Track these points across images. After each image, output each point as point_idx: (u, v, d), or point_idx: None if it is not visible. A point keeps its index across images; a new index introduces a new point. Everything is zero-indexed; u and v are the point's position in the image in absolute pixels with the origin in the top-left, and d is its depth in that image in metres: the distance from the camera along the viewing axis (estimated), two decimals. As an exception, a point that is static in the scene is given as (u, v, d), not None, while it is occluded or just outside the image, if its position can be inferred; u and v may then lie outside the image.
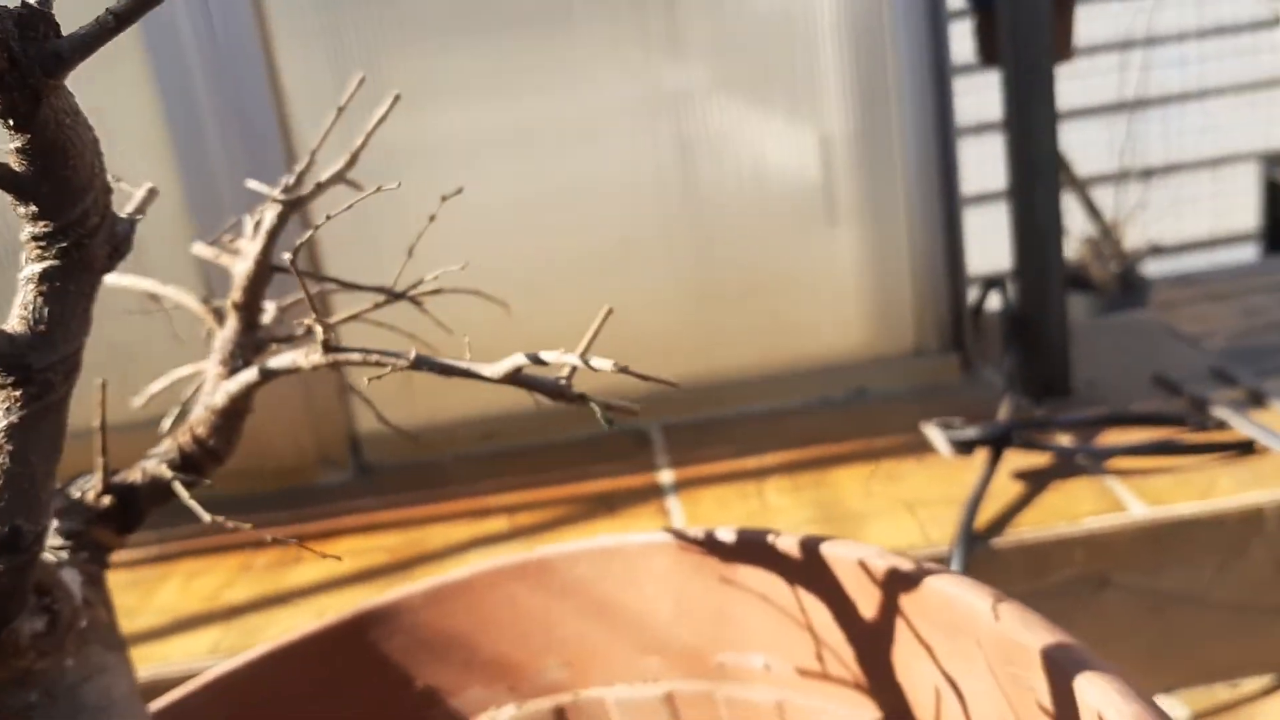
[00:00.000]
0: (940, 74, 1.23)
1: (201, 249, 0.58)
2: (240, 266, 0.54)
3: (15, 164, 0.34)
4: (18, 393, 0.37)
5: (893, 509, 1.05)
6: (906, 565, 0.52)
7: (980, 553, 0.97)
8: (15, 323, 0.37)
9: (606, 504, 1.13)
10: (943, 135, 1.25)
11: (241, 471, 1.28)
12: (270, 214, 0.53)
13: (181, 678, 0.95)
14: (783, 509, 1.08)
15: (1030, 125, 1.15)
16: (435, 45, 1.22)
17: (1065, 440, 1.09)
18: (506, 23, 1.22)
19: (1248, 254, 3.18)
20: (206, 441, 0.50)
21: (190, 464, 0.51)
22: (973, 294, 1.36)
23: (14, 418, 0.37)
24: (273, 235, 0.54)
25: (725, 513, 1.08)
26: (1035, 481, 1.05)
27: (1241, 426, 1.07)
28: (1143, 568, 0.98)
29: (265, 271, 0.54)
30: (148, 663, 0.97)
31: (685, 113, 1.26)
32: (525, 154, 1.25)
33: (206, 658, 0.97)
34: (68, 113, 0.34)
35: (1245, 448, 1.04)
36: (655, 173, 1.27)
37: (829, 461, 1.16)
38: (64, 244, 0.36)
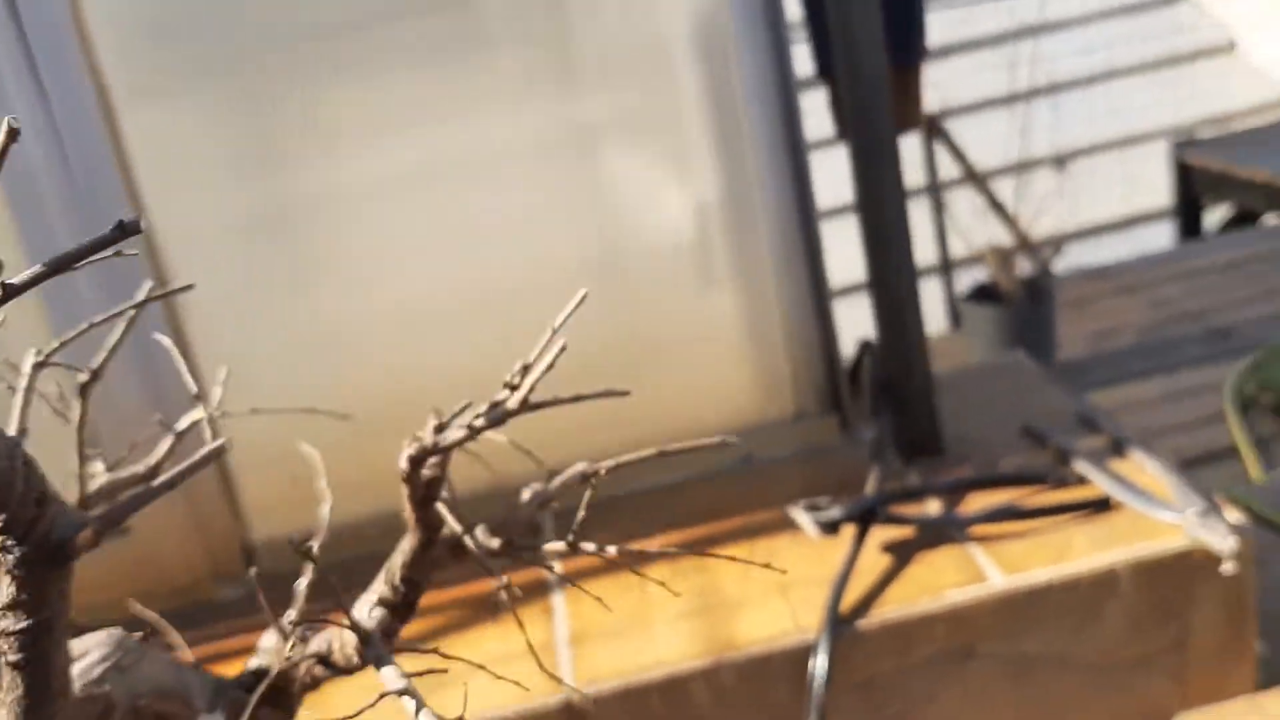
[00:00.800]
0: (795, 144, 1.25)
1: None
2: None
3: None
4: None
5: (766, 594, 1.08)
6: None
7: (846, 636, 0.99)
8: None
9: (492, 609, 1.15)
10: (803, 207, 1.27)
11: (137, 592, 1.30)
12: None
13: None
14: (663, 600, 1.10)
15: (879, 199, 1.18)
16: (322, 91, 1.22)
17: (931, 509, 1.12)
18: (389, 66, 1.23)
19: (1162, 234, 3.23)
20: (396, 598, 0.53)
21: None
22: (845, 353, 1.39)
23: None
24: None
25: (604, 613, 1.10)
26: (901, 554, 1.08)
27: (1100, 481, 1.10)
28: (1004, 635, 1.01)
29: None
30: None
31: (567, 167, 1.27)
32: (410, 196, 1.26)
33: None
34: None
35: (1101, 505, 1.07)
36: (541, 229, 1.28)
37: (711, 540, 1.19)
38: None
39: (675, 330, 1.33)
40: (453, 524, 0.53)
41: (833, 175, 1.42)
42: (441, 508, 0.53)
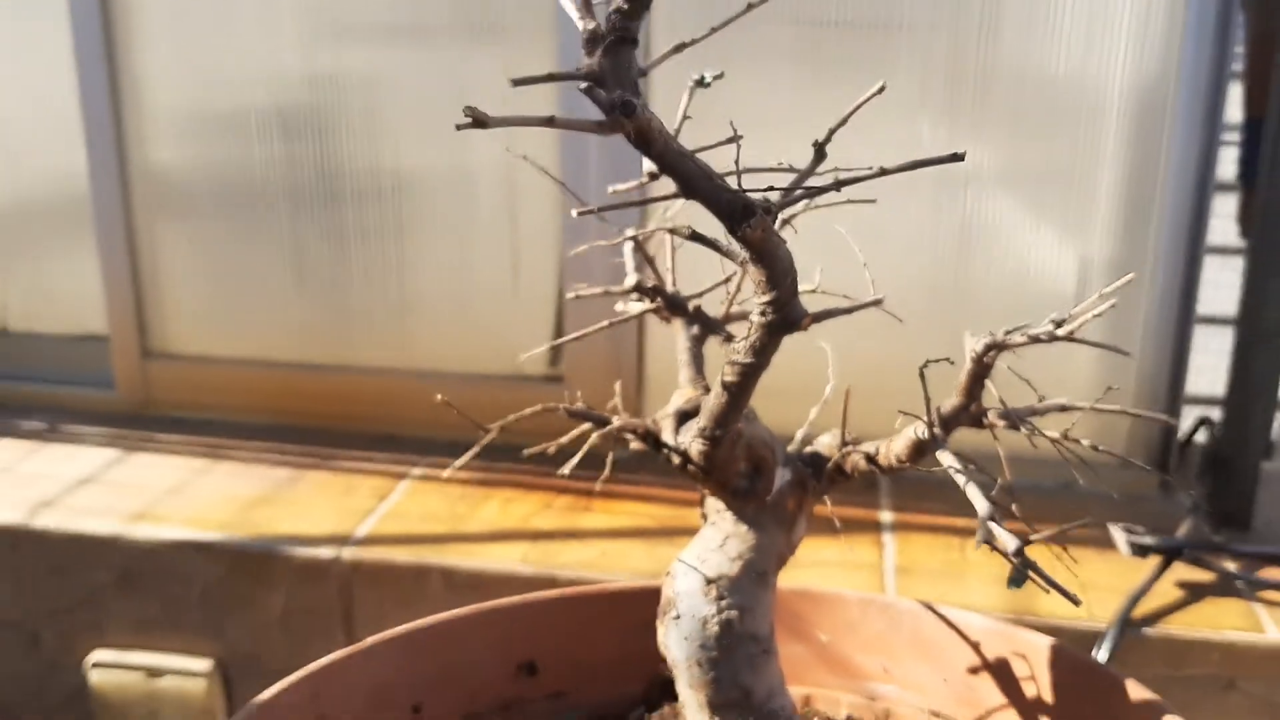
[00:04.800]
0: (1196, 238, 1.43)
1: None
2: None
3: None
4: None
5: (1069, 587, 1.27)
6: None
7: (1131, 637, 1.18)
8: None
9: (832, 527, 1.39)
10: (1187, 292, 1.45)
11: (552, 432, 1.61)
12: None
13: (497, 573, 1.28)
14: (977, 564, 1.32)
15: (1265, 297, 1.34)
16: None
17: (1230, 565, 1.29)
18: (819, 65, 1.48)
19: None
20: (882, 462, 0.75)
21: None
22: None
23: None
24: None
25: (929, 557, 1.33)
26: (1194, 593, 1.25)
27: (1391, 591, 1.24)
28: (1267, 681, 1.17)
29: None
30: (475, 558, 1.31)
31: (969, 198, 1.49)
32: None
33: (517, 563, 1.29)
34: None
35: (1388, 609, 1.21)
36: (932, 249, 1.51)
37: (1024, 534, 1.39)
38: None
39: (1031, 367, 1.54)
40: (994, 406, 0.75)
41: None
42: (990, 389, 0.75)
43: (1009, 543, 0.62)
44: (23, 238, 1.80)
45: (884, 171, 0.55)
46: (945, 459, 0.68)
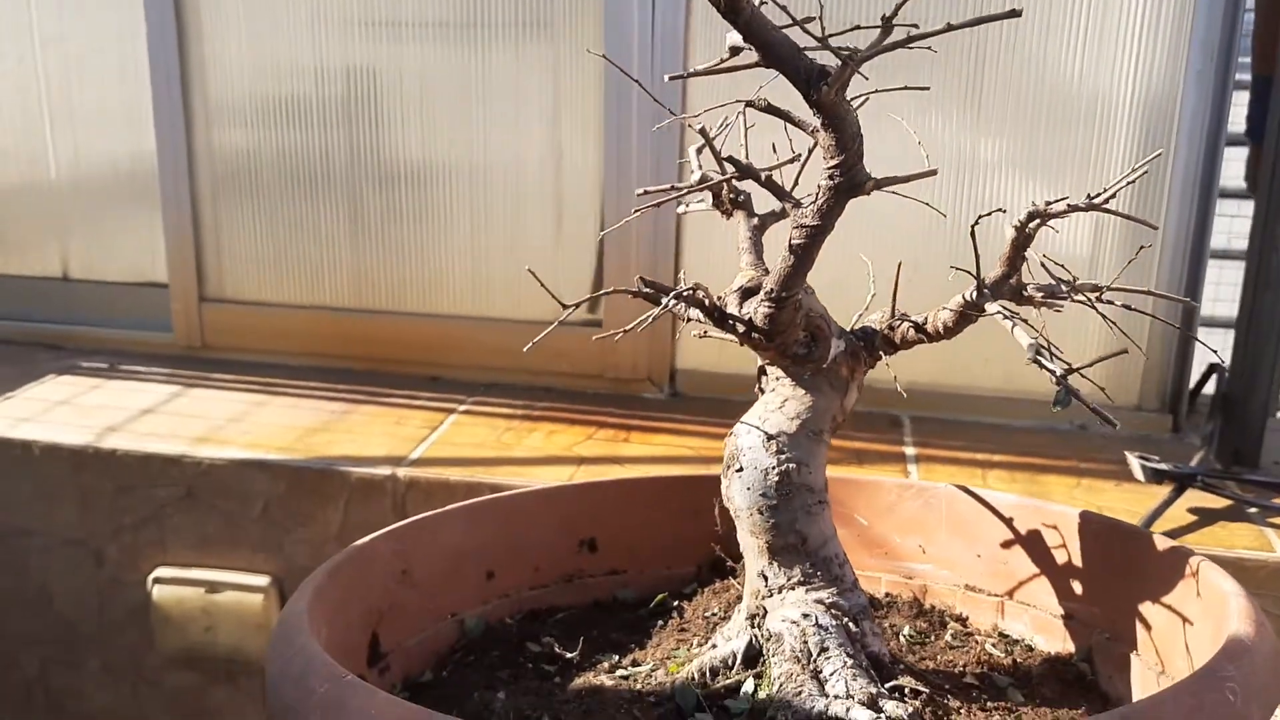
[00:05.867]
0: (1206, 201, 1.51)
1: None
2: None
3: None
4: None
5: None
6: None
7: (1147, 553, 1.25)
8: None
9: (858, 457, 1.47)
10: (1198, 247, 1.53)
11: (590, 374, 1.69)
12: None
13: (546, 490, 1.34)
14: (997, 489, 1.39)
15: (1272, 244, 1.42)
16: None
17: (1241, 493, 1.36)
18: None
19: None
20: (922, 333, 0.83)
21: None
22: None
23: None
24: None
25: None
26: (1207, 517, 1.32)
27: (1392, 518, 1.30)
28: (1277, 596, 1.24)
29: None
30: (524, 478, 1.38)
31: (984, 179, 1.57)
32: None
33: (564, 483, 1.36)
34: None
35: (1389, 533, 1.28)
36: (949, 224, 1.59)
37: (1043, 469, 1.46)
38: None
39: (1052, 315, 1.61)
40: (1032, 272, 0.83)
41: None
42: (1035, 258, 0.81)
43: (1056, 367, 0.69)
44: (89, 200, 1.88)
45: (950, 27, 0.62)
46: (992, 308, 0.75)
